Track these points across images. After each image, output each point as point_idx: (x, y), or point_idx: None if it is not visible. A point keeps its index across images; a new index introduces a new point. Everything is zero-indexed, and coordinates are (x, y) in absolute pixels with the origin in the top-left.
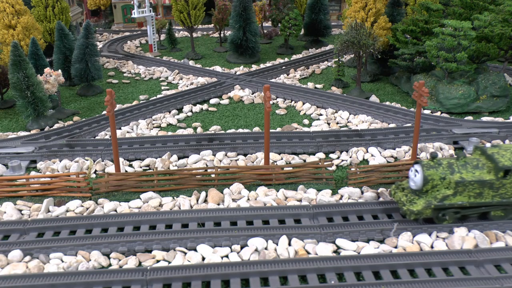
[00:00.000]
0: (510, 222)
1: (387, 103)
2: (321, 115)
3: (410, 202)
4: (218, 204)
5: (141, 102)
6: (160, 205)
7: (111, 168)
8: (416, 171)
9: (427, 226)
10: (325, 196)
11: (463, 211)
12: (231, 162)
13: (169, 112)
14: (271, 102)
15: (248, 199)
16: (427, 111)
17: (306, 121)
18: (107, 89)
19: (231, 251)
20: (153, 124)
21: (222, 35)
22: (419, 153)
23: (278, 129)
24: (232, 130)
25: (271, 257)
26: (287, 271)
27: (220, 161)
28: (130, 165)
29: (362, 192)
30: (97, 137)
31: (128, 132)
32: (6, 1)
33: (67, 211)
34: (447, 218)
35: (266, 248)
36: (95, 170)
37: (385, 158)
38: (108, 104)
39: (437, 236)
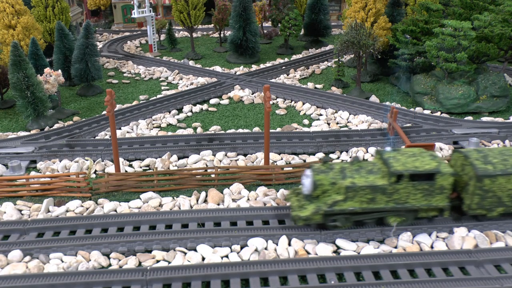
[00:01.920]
0: (510, 222)
1: (387, 103)
2: (321, 115)
3: (300, 207)
4: (218, 204)
5: (141, 102)
6: (160, 205)
7: (111, 168)
8: (307, 176)
9: (427, 226)
10: None
11: (356, 217)
12: (231, 162)
13: (169, 112)
14: (271, 102)
15: (248, 199)
16: (427, 111)
17: (306, 121)
18: (107, 89)
19: (231, 251)
20: (153, 124)
21: (222, 35)
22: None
23: (278, 129)
24: (232, 130)
25: (271, 257)
26: (287, 271)
27: (220, 161)
28: (130, 165)
29: None
30: (97, 137)
31: (128, 132)
32: (6, 1)
33: (67, 211)
34: (338, 224)
35: (266, 248)
36: (95, 170)
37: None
38: (108, 104)
39: (437, 236)
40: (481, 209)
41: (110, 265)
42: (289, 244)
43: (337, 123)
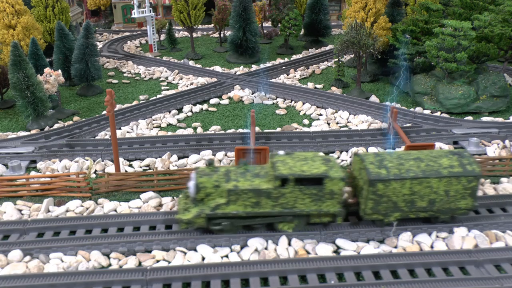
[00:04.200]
0: (510, 222)
1: (387, 103)
2: (321, 115)
3: (185, 210)
4: None
5: (141, 102)
6: (160, 205)
7: (111, 168)
8: (191, 178)
9: (427, 226)
10: None
11: (242, 221)
12: (231, 162)
13: (169, 112)
14: (271, 102)
15: None
16: (427, 111)
17: (306, 121)
18: (107, 89)
19: (231, 251)
20: (153, 124)
21: (222, 35)
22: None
23: (278, 129)
24: (232, 130)
25: (271, 257)
26: (287, 271)
27: (220, 161)
28: (130, 165)
29: None
30: (97, 137)
31: (128, 132)
32: (6, 1)
33: (67, 211)
34: (223, 228)
35: (266, 248)
36: (95, 170)
37: None
38: (108, 104)
39: (437, 236)
40: (377, 214)
41: (110, 265)
42: (289, 244)
43: (337, 123)
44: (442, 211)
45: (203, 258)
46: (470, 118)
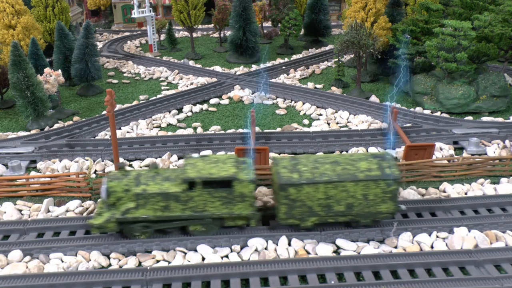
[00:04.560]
0: (510, 222)
1: (387, 103)
2: (321, 115)
3: (98, 215)
4: None
5: (141, 102)
6: None
7: (111, 168)
8: (103, 182)
9: (427, 226)
10: None
11: (154, 225)
12: None
13: (169, 112)
14: (271, 102)
15: None
16: (427, 111)
17: (306, 121)
18: (107, 89)
19: (231, 251)
20: (153, 124)
21: (222, 35)
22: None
23: (278, 129)
24: (232, 130)
25: (271, 257)
26: (287, 271)
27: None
28: (130, 165)
29: None
30: (97, 137)
31: (128, 132)
32: (6, 1)
33: (67, 211)
34: (135, 233)
35: (266, 248)
36: (95, 170)
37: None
38: (108, 104)
39: (437, 236)
40: (292, 218)
41: (110, 265)
42: (289, 244)
43: (337, 123)
44: (362, 215)
45: (203, 258)
46: (470, 118)
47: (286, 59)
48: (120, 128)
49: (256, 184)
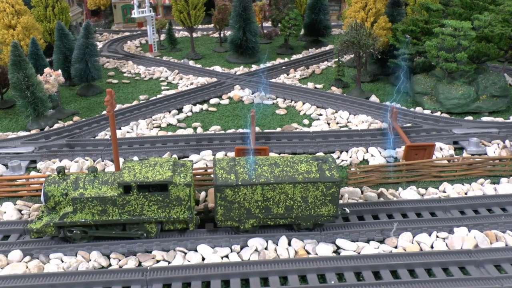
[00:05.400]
0: (510, 222)
1: (387, 103)
2: (321, 115)
3: (38, 219)
4: None
5: (141, 102)
6: None
7: (111, 168)
8: (42, 187)
9: (427, 226)
10: None
11: (94, 231)
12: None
13: (169, 112)
14: (271, 102)
15: None
16: (427, 111)
17: (306, 121)
18: (107, 89)
19: (231, 251)
20: (153, 124)
21: (222, 35)
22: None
23: (278, 129)
24: (232, 130)
25: (271, 257)
26: (287, 271)
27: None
28: None
29: (362, 192)
30: (97, 137)
31: (128, 132)
32: (6, 1)
33: None
34: (75, 237)
35: (266, 248)
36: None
37: (385, 158)
38: (108, 104)
39: (437, 236)
40: (231, 220)
41: (110, 265)
42: (289, 244)
43: (337, 123)
44: (303, 218)
45: (203, 258)
46: (470, 118)
47: (286, 59)
48: (120, 128)
49: (193, 187)
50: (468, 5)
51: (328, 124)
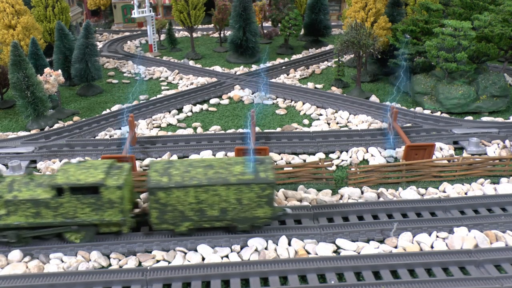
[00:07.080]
0: (510, 222)
1: (387, 103)
2: (321, 115)
3: None
4: None
5: (141, 102)
6: None
7: None
8: None
9: (427, 226)
10: (325, 196)
11: (29, 232)
12: None
13: (169, 112)
14: (271, 102)
15: None
16: (427, 111)
17: (306, 121)
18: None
19: (231, 251)
20: (153, 124)
21: (222, 35)
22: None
23: (278, 129)
24: (232, 130)
25: (271, 257)
26: (287, 271)
27: None
28: None
29: (362, 192)
30: (97, 137)
31: (128, 132)
32: (6, 1)
33: None
34: (9, 240)
35: (266, 248)
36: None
37: (385, 158)
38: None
39: (437, 236)
40: (166, 223)
41: (110, 265)
42: (289, 244)
43: (337, 123)
44: (239, 220)
45: (203, 258)
46: (470, 118)
47: (286, 59)
48: (120, 128)
49: (128, 189)
50: (468, 5)
51: (328, 124)
